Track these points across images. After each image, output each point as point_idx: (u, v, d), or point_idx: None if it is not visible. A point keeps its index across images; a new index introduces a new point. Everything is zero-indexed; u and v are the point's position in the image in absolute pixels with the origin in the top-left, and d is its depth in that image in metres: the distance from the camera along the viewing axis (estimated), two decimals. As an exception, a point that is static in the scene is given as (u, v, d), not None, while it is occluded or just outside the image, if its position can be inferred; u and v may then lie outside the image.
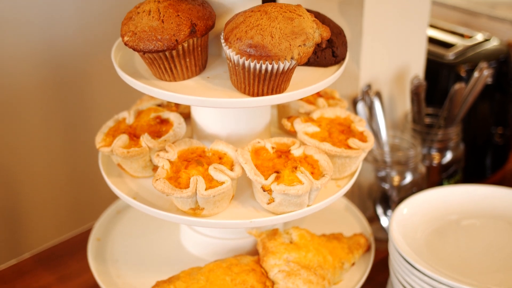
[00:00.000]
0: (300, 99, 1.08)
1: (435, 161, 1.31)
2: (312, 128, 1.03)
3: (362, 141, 1.02)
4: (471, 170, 1.40)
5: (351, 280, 1.07)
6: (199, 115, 1.02)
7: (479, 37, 1.41)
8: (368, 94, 1.22)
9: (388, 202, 1.23)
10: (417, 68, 1.33)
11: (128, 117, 1.06)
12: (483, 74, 1.25)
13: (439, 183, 1.33)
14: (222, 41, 0.90)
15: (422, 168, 1.24)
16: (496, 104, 1.39)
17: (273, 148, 0.98)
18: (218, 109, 0.99)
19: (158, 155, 0.97)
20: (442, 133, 1.29)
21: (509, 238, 1.09)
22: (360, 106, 1.20)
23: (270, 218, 0.95)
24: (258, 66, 0.87)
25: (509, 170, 1.46)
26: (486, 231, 1.10)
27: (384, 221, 1.23)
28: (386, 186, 1.22)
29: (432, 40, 1.39)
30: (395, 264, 1.03)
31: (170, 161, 0.96)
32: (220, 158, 0.97)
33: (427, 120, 1.32)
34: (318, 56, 0.99)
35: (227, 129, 1.01)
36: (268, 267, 1.01)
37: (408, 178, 1.23)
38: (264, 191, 0.93)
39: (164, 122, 1.05)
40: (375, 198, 1.24)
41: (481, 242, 1.08)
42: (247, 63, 0.88)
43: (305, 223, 1.17)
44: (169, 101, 1.03)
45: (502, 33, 1.51)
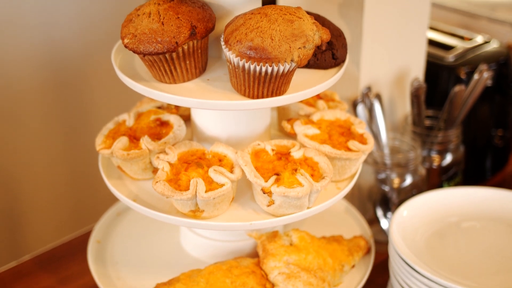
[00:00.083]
0: (300, 101, 1.08)
1: (435, 163, 1.31)
2: (312, 130, 1.03)
3: (362, 143, 1.02)
4: (471, 172, 1.40)
5: (351, 283, 1.07)
6: (199, 117, 1.02)
7: (479, 39, 1.41)
8: (368, 96, 1.22)
9: (388, 204, 1.23)
10: (417, 70, 1.33)
11: (128, 119, 1.06)
12: (483, 76, 1.25)
13: (439, 185, 1.33)
14: (222, 43, 0.90)
15: (422, 170, 1.24)
16: (496, 106, 1.39)
17: (273, 150, 0.98)
18: (218, 111, 0.99)
19: (158, 157, 0.97)
20: (442, 135, 1.29)
21: (509, 240, 1.08)
22: (360, 108, 1.20)
23: (270, 220, 0.95)
24: (258, 68, 0.87)
25: (509, 172, 1.46)
26: (486, 233, 1.10)
27: (384, 223, 1.23)
28: (386, 188, 1.22)
29: (432, 42, 1.39)
30: (395, 266, 1.02)
31: (170, 163, 0.96)
32: (220, 160, 0.97)
33: (427, 122, 1.32)
34: (318, 58, 0.99)
35: (227, 131, 1.01)
36: (268, 269, 1.00)
37: (408, 180, 1.23)
38: (264, 193, 0.93)
39: (164, 124, 1.05)
40: (375, 200, 1.24)
41: (481, 244, 1.08)
42: (247, 65, 0.88)
43: (305, 225, 1.17)
44: (169, 103, 1.03)
45: (502, 35, 1.51)
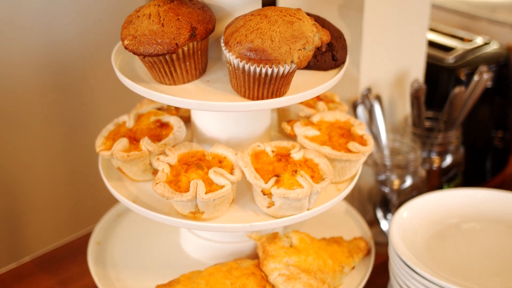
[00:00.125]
0: (300, 102, 1.08)
1: (435, 165, 1.31)
2: (312, 132, 1.03)
3: (362, 145, 1.02)
4: (471, 173, 1.40)
5: (351, 284, 1.07)
6: (199, 119, 1.02)
7: (479, 40, 1.41)
8: (368, 98, 1.22)
9: (388, 206, 1.23)
10: (417, 72, 1.33)
11: (128, 120, 1.06)
12: (483, 77, 1.25)
13: (439, 187, 1.33)
14: (222, 44, 0.90)
15: (422, 172, 1.24)
16: (496, 108, 1.39)
17: (273, 151, 0.98)
18: (218, 112, 0.99)
19: (158, 158, 0.97)
20: (442, 137, 1.29)
21: (509, 241, 1.08)
22: (360, 110, 1.20)
23: (270, 222, 0.95)
24: (258, 69, 0.87)
25: (509, 173, 1.46)
26: (486, 234, 1.10)
27: (384, 224, 1.23)
28: (386, 189, 1.22)
29: (432, 44, 1.39)
30: (395, 267, 1.02)
31: (170, 165, 0.96)
32: (220, 162, 0.97)
33: (427, 124, 1.32)
34: (318, 60, 0.99)
35: (227, 133, 1.01)
36: (268, 270, 1.00)
37: (408, 181, 1.23)
38: (264, 194, 0.93)
39: (164, 125, 1.05)
40: (375, 201, 1.24)
41: (481, 245, 1.08)
42: (247, 66, 0.88)
43: (305, 227, 1.17)
44: (169, 105, 1.03)
45: (502, 36, 1.51)
